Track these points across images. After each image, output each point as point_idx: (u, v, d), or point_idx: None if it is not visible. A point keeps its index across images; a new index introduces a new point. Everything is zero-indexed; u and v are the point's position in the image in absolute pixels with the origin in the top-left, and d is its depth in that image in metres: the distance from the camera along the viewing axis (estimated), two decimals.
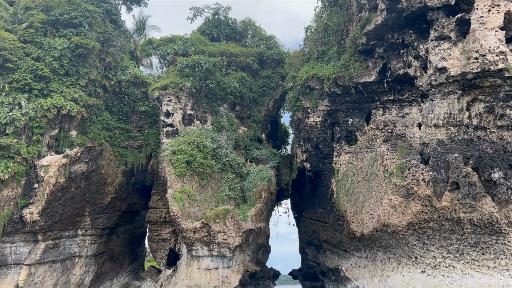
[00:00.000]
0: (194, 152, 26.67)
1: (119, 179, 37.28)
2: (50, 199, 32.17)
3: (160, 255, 36.75)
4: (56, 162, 33.08)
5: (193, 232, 23.01)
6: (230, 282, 22.96)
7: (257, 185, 27.58)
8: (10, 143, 31.30)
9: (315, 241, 32.12)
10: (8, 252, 31.70)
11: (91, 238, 35.38)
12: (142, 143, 39.38)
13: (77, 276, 34.13)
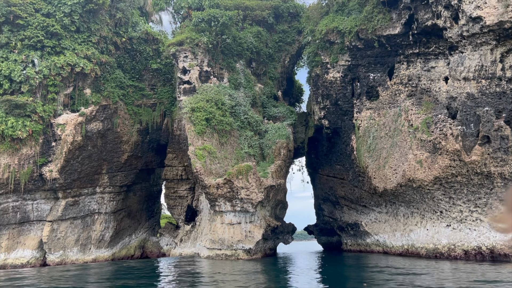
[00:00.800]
0: (213, 110, 26.35)
1: (135, 137, 37.30)
2: (68, 157, 32.38)
3: (177, 212, 37.43)
4: (72, 121, 33.01)
5: (216, 188, 23.15)
6: (253, 236, 23.35)
7: (276, 142, 27.42)
8: (26, 102, 31.13)
9: (331, 198, 32.37)
10: (30, 209, 32.36)
11: (110, 195, 35.91)
12: (156, 102, 39.07)
13: (98, 232, 34.97)
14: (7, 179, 30.56)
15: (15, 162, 30.87)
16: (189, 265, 20.28)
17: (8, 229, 31.46)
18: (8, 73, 31.54)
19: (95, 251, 34.70)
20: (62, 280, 17.46)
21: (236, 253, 23.14)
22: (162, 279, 15.77)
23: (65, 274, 20.37)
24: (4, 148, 30.63)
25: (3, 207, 31.18)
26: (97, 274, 19.95)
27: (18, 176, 30.87)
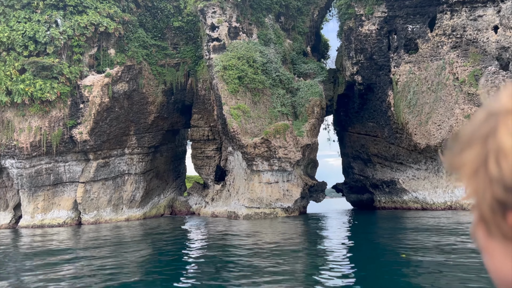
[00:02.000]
0: (245, 67, 25.58)
1: (160, 98, 36.90)
2: (97, 119, 32.29)
3: (205, 172, 37.57)
4: (99, 82, 32.64)
5: (253, 147, 22.87)
6: (292, 195, 23.30)
7: (309, 100, 26.72)
8: (53, 63, 30.71)
9: (363, 155, 31.97)
10: (62, 171, 32.77)
11: (138, 156, 36.07)
12: (179, 61, 38.29)
13: (129, 192, 35.45)
14: (39, 141, 30.77)
15: (46, 125, 30.95)
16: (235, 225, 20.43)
17: (43, 190, 32.06)
18: (32, 34, 30.96)
19: (127, 210, 35.35)
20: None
21: (274, 211, 23.19)
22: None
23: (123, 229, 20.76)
24: (34, 110, 30.62)
25: (37, 169, 31.62)
26: (175, 225, 20.26)
27: (50, 138, 31.04)
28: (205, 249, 12.71)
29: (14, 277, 9.53)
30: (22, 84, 29.96)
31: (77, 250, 14.45)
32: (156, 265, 10.32)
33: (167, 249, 13.53)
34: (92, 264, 10.66)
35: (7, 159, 31.24)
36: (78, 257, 12.30)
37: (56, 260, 12.11)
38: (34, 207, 31.60)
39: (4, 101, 30.03)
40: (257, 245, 11.81)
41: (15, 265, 11.91)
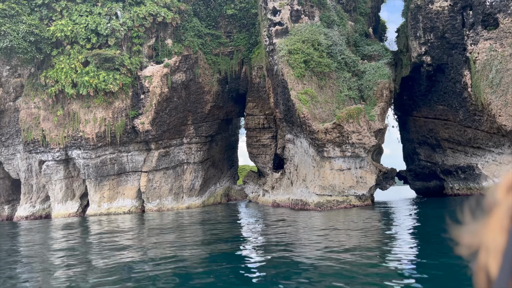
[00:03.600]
0: (310, 51, 24.80)
1: (215, 87, 36.83)
2: (158, 109, 32.65)
3: (261, 160, 37.24)
4: (158, 72, 32.93)
5: (324, 133, 22.17)
6: (366, 182, 22.47)
7: (377, 83, 25.59)
8: (114, 55, 31.22)
9: (431, 140, 30.44)
10: (125, 160, 33.48)
11: (196, 146, 36.27)
12: (233, 49, 37.98)
13: (188, 181, 35.79)
14: (104, 132, 31.51)
15: (110, 116, 31.62)
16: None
17: (108, 180, 32.92)
18: (94, 27, 31.58)
19: (187, 199, 35.74)
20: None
21: (348, 199, 22.46)
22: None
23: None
24: (98, 102, 31.34)
25: (102, 159, 32.47)
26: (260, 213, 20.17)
27: (113, 129, 31.71)
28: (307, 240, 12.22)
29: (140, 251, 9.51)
30: (86, 76, 30.69)
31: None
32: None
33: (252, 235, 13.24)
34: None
35: (73, 150, 32.27)
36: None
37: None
38: (100, 196, 32.55)
39: (70, 93, 30.91)
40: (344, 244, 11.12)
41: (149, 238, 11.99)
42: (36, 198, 38.49)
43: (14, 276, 8.87)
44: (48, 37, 31.94)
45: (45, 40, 31.95)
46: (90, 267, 9.13)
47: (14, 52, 30.84)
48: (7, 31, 30.27)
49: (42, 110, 32.57)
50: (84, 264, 9.70)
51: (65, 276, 8.42)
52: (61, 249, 12.94)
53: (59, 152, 32.43)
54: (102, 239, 14.49)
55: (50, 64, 32.95)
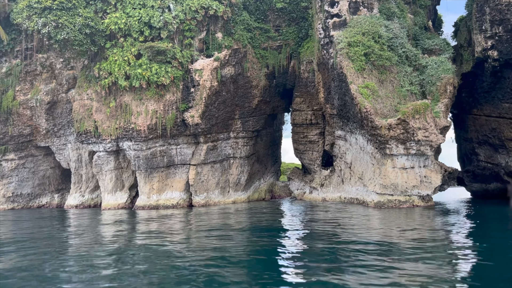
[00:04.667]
0: (371, 43, 23.88)
1: (263, 82, 36.42)
2: (207, 102, 32.57)
3: (308, 157, 36.57)
4: (209, 66, 32.82)
5: (388, 129, 21.25)
6: (431, 182, 21.40)
7: (440, 78, 24.34)
8: (167, 48, 31.32)
9: (493, 140, 28.79)
10: (174, 153, 33.64)
11: (243, 140, 36.01)
12: (282, 43, 37.42)
13: (235, 175, 35.60)
14: (155, 124, 31.74)
15: (161, 108, 31.81)
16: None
17: (158, 172, 33.19)
18: (147, 20, 31.80)
19: (233, 193, 35.58)
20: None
21: (410, 199, 21.48)
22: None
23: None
24: (150, 94, 31.58)
25: (152, 151, 32.75)
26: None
27: (164, 121, 31.89)
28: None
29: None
30: (139, 69, 30.96)
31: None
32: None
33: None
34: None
35: (124, 142, 32.69)
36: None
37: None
38: (150, 187, 32.86)
39: (123, 85, 31.29)
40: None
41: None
42: (85, 188, 39.46)
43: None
44: (102, 30, 32.46)
45: (100, 33, 32.49)
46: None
47: (70, 44, 31.52)
48: (64, 24, 30.96)
49: (95, 101, 33.19)
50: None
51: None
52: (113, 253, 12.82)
53: (111, 143, 32.97)
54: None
55: (103, 56, 33.50)
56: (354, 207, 22.91)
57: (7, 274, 8.68)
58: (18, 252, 11.43)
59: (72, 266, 9.10)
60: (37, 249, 11.94)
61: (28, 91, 38.84)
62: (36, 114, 38.31)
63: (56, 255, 10.89)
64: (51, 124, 38.63)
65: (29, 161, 40.74)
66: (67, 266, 9.30)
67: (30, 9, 31.51)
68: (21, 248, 12.32)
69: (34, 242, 13.74)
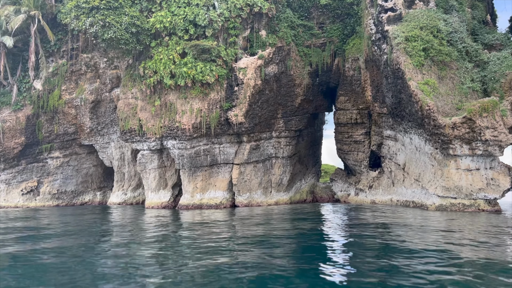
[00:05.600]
0: (429, 38, 22.68)
1: (306, 80, 35.61)
2: (251, 101, 32.10)
3: (353, 157, 35.51)
4: (253, 64, 32.34)
5: (452, 128, 20.06)
6: (498, 185, 20.05)
7: (505, 74, 22.83)
8: (211, 46, 31.05)
9: None
10: (217, 152, 33.35)
11: (285, 140, 35.34)
12: (325, 41, 36.50)
13: (277, 176, 34.97)
14: (199, 123, 31.54)
15: (205, 107, 31.58)
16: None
17: (201, 171, 32.99)
18: (192, 18, 31.64)
19: (276, 194, 34.97)
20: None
21: (476, 203, 20.19)
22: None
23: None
24: (195, 93, 31.40)
25: (196, 150, 32.57)
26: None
27: (208, 120, 31.64)
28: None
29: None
30: (185, 67, 30.83)
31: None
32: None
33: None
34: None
35: (169, 140, 32.66)
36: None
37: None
38: (193, 186, 32.70)
39: (168, 84, 31.24)
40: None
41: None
42: (128, 186, 39.85)
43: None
44: (147, 29, 32.57)
45: (145, 32, 32.61)
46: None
47: (116, 43, 31.75)
48: (111, 23, 31.21)
49: (140, 100, 33.34)
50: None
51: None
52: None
53: (155, 142, 33.02)
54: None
55: (148, 55, 33.62)
56: (411, 210, 21.77)
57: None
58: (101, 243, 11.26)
59: (111, 266, 8.79)
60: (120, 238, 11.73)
61: (73, 90, 39.60)
62: (81, 113, 38.99)
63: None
64: (94, 122, 39.23)
65: (73, 159, 41.56)
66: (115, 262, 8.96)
67: (78, 9, 31.96)
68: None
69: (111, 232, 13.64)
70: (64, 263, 9.07)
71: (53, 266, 8.89)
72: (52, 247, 11.43)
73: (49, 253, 10.55)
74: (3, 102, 39.61)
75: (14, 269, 8.57)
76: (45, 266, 8.84)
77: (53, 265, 8.95)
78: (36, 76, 39.82)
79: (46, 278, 7.87)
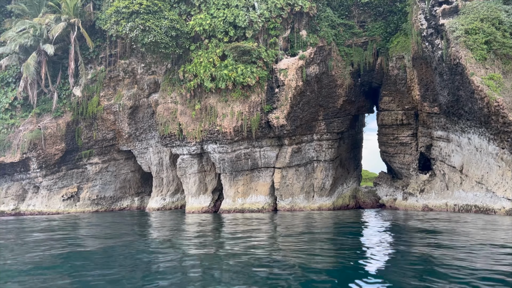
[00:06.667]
0: (492, 30, 21.21)
1: (348, 80, 34.38)
2: (292, 103, 31.20)
3: (399, 160, 33.93)
4: (293, 65, 31.47)
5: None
6: None
7: None
8: (252, 48, 30.41)
9: None
10: (258, 156, 32.55)
11: (327, 143, 34.16)
12: (367, 40, 35.19)
13: (319, 180, 33.81)
14: (240, 126, 30.86)
15: (246, 110, 30.89)
16: None
17: (243, 175, 32.27)
18: (232, 20, 31.11)
19: (318, 199, 33.78)
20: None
21: None
22: None
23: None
24: (236, 96, 30.78)
25: (237, 154, 31.89)
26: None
27: (249, 123, 30.93)
28: None
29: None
30: (225, 70, 30.29)
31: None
32: None
33: None
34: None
35: (209, 144, 32.13)
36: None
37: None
38: (235, 191, 32.00)
39: (209, 87, 30.77)
40: None
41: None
42: (166, 191, 39.56)
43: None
44: (187, 32, 32.26)
45: (184, 35, 32.31)
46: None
47: (156, 47, 31.56)
48: (151, 27, 31.06)
49: (179, 104, 33.00)
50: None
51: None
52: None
53: (195, 146, 32.56)
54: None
55: (186, 59, 33.30)
56: (475, 216, 20.23)
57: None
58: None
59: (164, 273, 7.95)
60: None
61: (112, 97, 39.74)
62: (119, 118, 39.04)
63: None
64: (133, 128, 39.21)
65: (111, 164, 41.68)
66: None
67: (118, 14, 32.00)
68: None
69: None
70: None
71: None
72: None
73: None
74: (45, 109, 40.17)
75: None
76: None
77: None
78: (76, 83, 40.22)
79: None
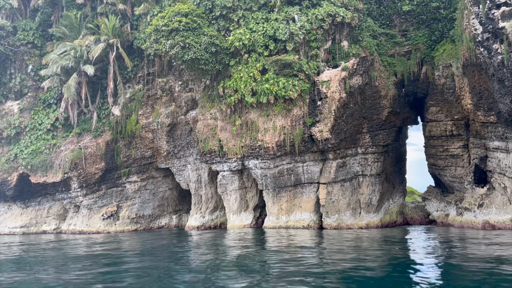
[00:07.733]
0: None
1: (392, 91, 33.11)
2: (336, 116, 30.18)
3: (450, 173, 32.09)
4: (336, 77, 30.56)
5: None
6: None
7: None
8: (293, 60, 29.77)
9: None
10: (301, 171, 31.52)
11: (373, 156, 32.77)
12: (410, 49, 33.95)
13: (366, 195, 32.34)
14: (283, 141, 30.03)
15: (288, 124, 30.09)
16: None
17: (286, 191, 31.27)
18: (272, 33, 30.63)
19: (365, 215, 32.25)
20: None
21: None
22: None
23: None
24: (278, 110, 30.08)
25: (280, 169, 30.99)
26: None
27: (292, 137, 30.07)
28: None
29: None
30: (266, 84, 29.71)
31: None
32: None
33: None
34: None
35: (250, 160, 31.40)
36: None
37: None
38: (278, 208, 31.00)
39: (250, 102, 30.22)
40: None
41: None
42: (205, 208, 38.91)
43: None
44: (226, 48, 32.01)
45: (224, 51, 32.06)
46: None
47: (196, 64, 31.40)
48: (191, 44, 30.99)
49: (219, 120, 32.55)
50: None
51: None
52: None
53: (236, 162, 31.89)
54: None
55: (225, 74, 32.99)
56: None
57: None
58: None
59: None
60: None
61: (150, 115, 39.82)
62: (157, 136, 38.96)
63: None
64: (171, 145, 39.00)
65: (150, 182, 41.53)
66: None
67: (157, 32, 32.16)
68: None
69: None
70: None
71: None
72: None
73: None
74: (85, 129, 40.65)
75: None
76: None
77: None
78: (114, 102, 40.62)
79: None
